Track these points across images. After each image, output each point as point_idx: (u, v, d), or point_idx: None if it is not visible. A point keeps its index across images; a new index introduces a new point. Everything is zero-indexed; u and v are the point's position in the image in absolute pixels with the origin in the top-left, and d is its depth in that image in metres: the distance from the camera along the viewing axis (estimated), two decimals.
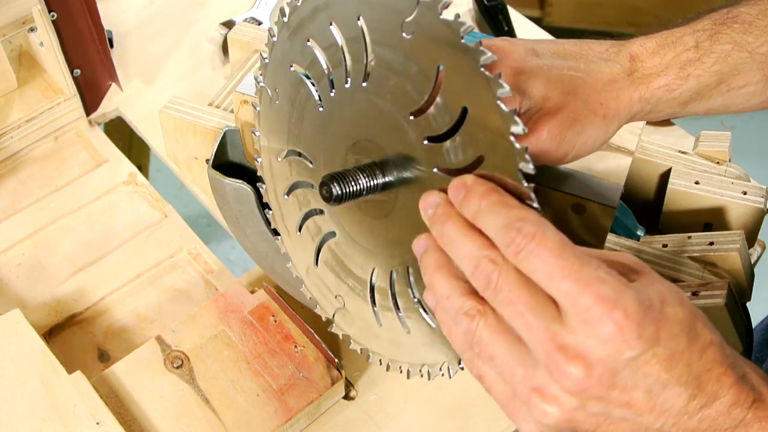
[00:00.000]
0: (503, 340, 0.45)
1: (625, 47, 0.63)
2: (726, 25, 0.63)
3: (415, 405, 0.72)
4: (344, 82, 0.53)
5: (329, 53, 0.54)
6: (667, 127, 0.90)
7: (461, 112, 0.47)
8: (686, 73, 0.62)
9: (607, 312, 0.42)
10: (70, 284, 0.79)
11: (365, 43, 0.51)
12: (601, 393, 0.43)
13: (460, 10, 1.06)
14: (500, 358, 0.46)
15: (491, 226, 0.45)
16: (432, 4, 0.46)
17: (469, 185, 0.47)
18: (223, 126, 0.78)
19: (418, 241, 0.50)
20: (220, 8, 1.04)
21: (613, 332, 0.42)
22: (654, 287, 0.45)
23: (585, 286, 0.42)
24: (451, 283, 0.47)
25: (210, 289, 0.80)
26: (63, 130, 0.91)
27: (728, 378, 0.45)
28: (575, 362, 0.43)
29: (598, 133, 0.61)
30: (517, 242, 0.44)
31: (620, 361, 0.43)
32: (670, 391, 0.44)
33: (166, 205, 0.86)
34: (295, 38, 0.56)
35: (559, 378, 0.43)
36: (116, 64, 0.92)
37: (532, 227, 0.43)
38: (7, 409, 0.65)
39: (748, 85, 0.64)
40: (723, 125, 2.01)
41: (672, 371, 0.43)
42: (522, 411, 0.46)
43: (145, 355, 0.70)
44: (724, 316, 0.67)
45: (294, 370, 0.69)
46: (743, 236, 0.70)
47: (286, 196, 0.63)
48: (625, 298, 0.42)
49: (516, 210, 0.45)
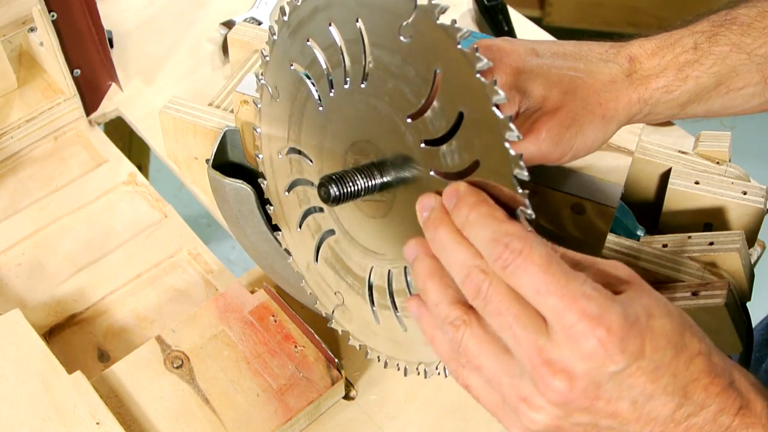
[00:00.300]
0: (489, 349, 0.46)
1: (625, 48, 0.63)
2: (724, 26, 0.64)
3: (415, 405, 0.72)
4: (343, 82, 0.54)
5: (328, 53, 0.54)
6: (667, 127, 0.90)
7: (457, 116, 0.47)
8: (685, 75, 0.63)
9: (591, 328, 0.42)
10: (70, 284, 0.79)
11: (364, 45, 0.51)
12: (587, 404, 0.44)
13: (460, 10, 1.06)
14: (487, 368, 0.47)
15: (479, 239, 0.46)
16: (429, 8, 0.46)
17: (461, 194, 0.47)
18: (223, 126, 0.78)
19: (408, 247, 0.50)
20: (220, 8, 1.04)
21: (596, 348, 0.43)
22: (641, 300, 0.45)
23: (570, 302, 0.43)
24: (441, 290, 0.48)
25: (210, 289, 0.80)
26: (63, 130, 0.91)
27: (715, 386, 0.46)
28: (559, 376, 0.43)
29: (597, 133, 0.61)
30: (504, 257, 0.44)
31: (604, 375, 0.43)
32: (655, 402, 0.45)
33: (166, 205, 0.86)
34: (295, 37, 0.56)
35: (544, 391, 0.44)
36: (116, 64, 0.92)
37: (519, 243, 0.44)
38: (7, 409, 0.65)
39: (747, 87, 0.64)
40: (723, 125, 2.01)
41: (658, 382, 0.44)
42: (511, 417, 0.47)
43: (145, 355, 0.70)
44: (724, 316, 0.67)
45: (294, 370, 0.69)
46: (743, 236, 0.70)
47: (287, 192, 0.63)
48: (609, 314, 0.43)
49: (504, 224, 0.45)
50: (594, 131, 0.60)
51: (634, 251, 0.71)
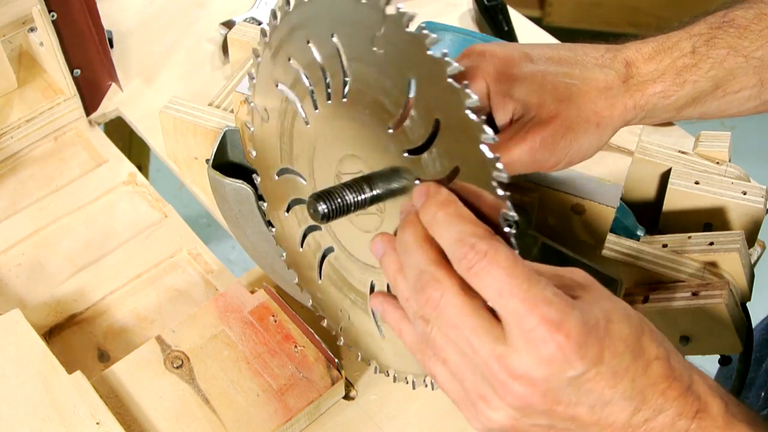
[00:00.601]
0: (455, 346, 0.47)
1: (621, 52, 0.62)
2: (722, 29, 0.63)
3: (415, 405, 0.72)
4: (326, 98, 0.54)
5: (310, 71, 0.54)
6: (667, 127, 0.90)
7: (434, 123, 0.47)
8: (682, 79, 0.62)
9: (551, 333, 0.43)
10: (70, 284, 0.79)
11: (341, 60, 0.51)
12: (545, 408, 0.45)
13: (460, 10, 1.06)
14: (452, 363, 0.47)
15: (445, 238, 0.46)
16: (398, 17, 0.46)
17: (429, 193, 0.47)
18: (223, 126, 0.78)
19: (374, 243, 0.51)
20: (220, 8, 1.04)
21: (555, 353, 0.43)
22: (600, 305, 0.46)
23: (532, 307, 0.43)
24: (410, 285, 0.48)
25: (210, 289, 0.80)
26: (63, 130, 0.91)
27: (673, 390, 0.46)
28: (519, 381, 0.44)
29: (592, 141, 0.61)
30: (469, 258, 0.44)
31: (563, 380, 0.44)
32: (613, 407, 0.45)
33: (166, 205, 0.86)
34: (277, 58, 0.56)
35: (503, 395, 0.45)
36: (116, 64, 0.92)
37: (484, 244, 0.44)
38: (7, 409, 0.65)
39: (744, 90, 0.64)
40: (723, 125, 2.01)
41: (616, 387, 0.45)
42: (471, 411, 0.48)
43: (145, 355, 0.70)
44: (724, 316, 0.67)
45: (294, 370, 0.69)
46: (743, 236, 0.70)
47: (286, 213, 0.63)
48: (569, 319, 0.43)
49: (471, 225, 0.45)
50: (589, 139, 0.60)
51: (634, 251, 0.71)
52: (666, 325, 0.70)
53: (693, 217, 0.75)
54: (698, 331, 0.69)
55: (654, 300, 0.69)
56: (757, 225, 0.75)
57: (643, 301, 0.70)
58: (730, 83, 0.63)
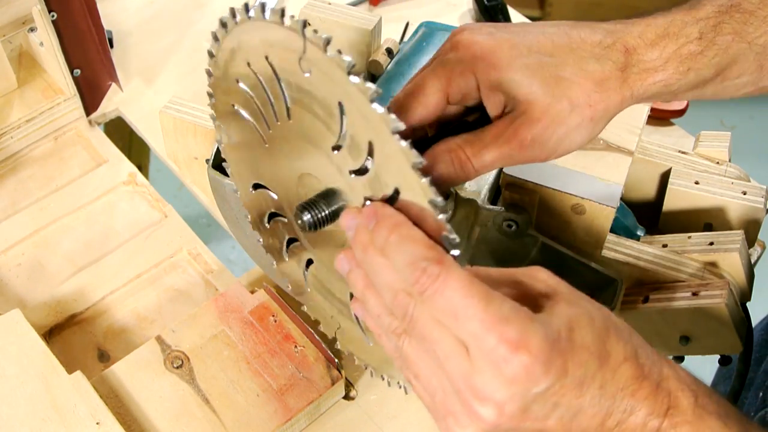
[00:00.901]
0: (426, 361, 0.47)
1: (621, 38, 0.60)
2: (728, 14, 0.61)
3: (415, 405, 0.72)
4: (275, 119, 0.53)
5: (256, 92, 0.54)
6: (667, 127, 0.90)
7: (368, 145, 0.46)
8: (686, 68, 0.60)
9: (511, 353, 0.43)
10: (70, 284, 0.79)
11: (279, 82, 0.51)
12: (514, 425, 0.45)
13: (460, 10, 1.06)
14: (423, 378, 0.47)
15: (398, 261, 0.45)
16: (316, 41, 0.45)
17: (379, 216, 0.47)
18: None
19: (339, 261, 0.50)
20: (220, 8, 1.04)
21: (518, 372, 0.43)
22: (561, 313, 0.45)
23: (489, 327, 0.43)
24: (380, 302, 0.48)
25: (210, 289, 0.80)
26: (63, 130, 0.91)
27: (643, 390, 0.46)
28: (486, 404, 0.44)
29: (584, 133, 0.59)
30: (421, 282, 0.44)
31: (529, 397, 0.44)
32: (583, 415, 0.45)
33: (166, 205, 0.86)
34: (227, 78, 0.56)
35: (470, 416, 0.45)
36: (116, 64, 0.92)
37: (436, 268, 0.44)
38: (7, 409, 0.65)
39: (743, 76, 0.62)
40: (723, 125, 2.00)
41: (583, 396, 0.45)
42: (442, 425, 0.48)
43: (145, 355, 0.70)
44: (724, 316, 0.67)
45: (294, 370, 0.69)
46: (743, 236, 0.70)
47: (267, 225, 0.63)
48: (529, 336, 0.43)
49: (422, 248, 0.45)
50: (581, 132, 0.58)
51: (634, 251, 0.71)
52: (666, 325, 0.70)
53: (693, 217, 0.75)
54: (698, 331, 0.69)
55: (654, 300, 0.69)
56: (757, 225, 0.75)
57: (643, 301, 0.70)
58: (731, 69, 0.61)
